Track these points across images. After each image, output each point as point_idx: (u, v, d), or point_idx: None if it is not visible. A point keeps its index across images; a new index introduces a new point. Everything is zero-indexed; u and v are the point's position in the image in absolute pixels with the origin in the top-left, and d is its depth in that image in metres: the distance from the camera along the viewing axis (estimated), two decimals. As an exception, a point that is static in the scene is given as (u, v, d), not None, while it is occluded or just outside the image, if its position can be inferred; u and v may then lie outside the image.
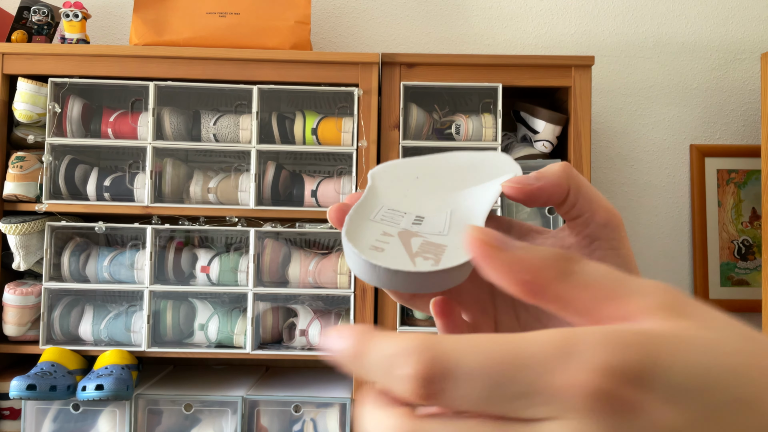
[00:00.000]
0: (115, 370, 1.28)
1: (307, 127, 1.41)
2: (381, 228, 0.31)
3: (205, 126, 1.41)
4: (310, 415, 1.36)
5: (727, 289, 1.69)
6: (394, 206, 0.34)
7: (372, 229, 0.31)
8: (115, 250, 1.42)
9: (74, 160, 1.41)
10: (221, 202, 1.41)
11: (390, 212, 0.33)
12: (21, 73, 1.37)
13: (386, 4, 1.73)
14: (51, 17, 1.46)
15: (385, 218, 0.32)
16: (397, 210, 0.33)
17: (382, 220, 0.32)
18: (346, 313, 1.40)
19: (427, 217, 0.33)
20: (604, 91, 1.72)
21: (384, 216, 0.32)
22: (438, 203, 0.34)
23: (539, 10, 1.73)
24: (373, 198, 0.34)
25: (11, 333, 1.36)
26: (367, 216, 0.32)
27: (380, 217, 0.32)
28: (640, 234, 1.72)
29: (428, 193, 0.35)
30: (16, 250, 1.34)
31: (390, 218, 0.32)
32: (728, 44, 1.73)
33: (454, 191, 0.35)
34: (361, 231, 0.30)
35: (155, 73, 1.37)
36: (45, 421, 1.32)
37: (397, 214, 0.33)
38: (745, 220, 1.70)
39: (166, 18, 1.42)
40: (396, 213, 0.33)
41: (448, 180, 0.36)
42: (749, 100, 1.73)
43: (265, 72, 1.38)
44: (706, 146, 1.71)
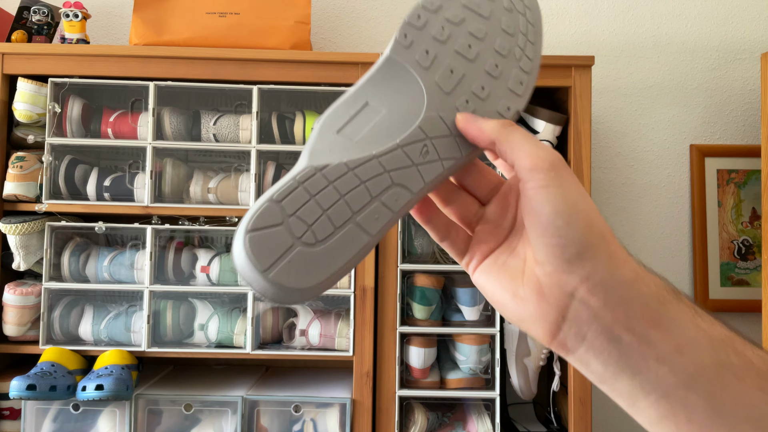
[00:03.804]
0: (115, 370, 1.28)
1: (307, 127, 1.41)
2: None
3: (205, 126, 1.41)
4: (310, 415, 1.36)
5: (727, 289, 1.69)
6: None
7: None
8: (115, 250, 1.42)
9: (74, 160, 1.41)
10: (221, 202, 1.41)
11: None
12: (21, 73, 1.37)
13: (386, 4, 1.73)
14: (51, 17, 1.46)
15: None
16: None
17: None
18: (346, 313, 1.40)
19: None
20: (604, 91, 1.72)
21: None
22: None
23: (539, 10, 1.73)
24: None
25: (11, 333, 1.36)
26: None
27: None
28: (640, 234, 1.72)
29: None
30: (16, 250, 1.34)
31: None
32: (728, 44, 1.73)
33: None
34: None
35: (155, 73, 1.37)
36: (45, 421, 1.32)
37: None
38: (745, 220, 1.70)
39: (166, 18, 1.42)
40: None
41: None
42: (749, 100, 1.73)
43: (265, 72, 1.38)
44: (706, 146, 1.71)
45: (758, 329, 1.69)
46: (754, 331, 1.70)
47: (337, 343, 1.38)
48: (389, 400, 1.36)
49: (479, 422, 1.38)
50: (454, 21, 0.42)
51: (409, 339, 1.38)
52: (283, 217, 0.35)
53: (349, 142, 0.38)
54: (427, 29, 0.42)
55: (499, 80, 0.42)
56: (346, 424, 1.33)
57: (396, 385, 1.35)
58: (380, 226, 0.37)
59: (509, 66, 0.42)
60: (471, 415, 1.42)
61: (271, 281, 0.33)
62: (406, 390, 1.36)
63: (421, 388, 1.38)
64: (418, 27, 0.42)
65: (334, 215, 0.36)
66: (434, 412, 1.42)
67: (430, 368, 1.39)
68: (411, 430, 1.37)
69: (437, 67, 0.41)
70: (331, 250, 0.35)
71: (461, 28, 0.42)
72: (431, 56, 0.41)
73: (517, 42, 0.43)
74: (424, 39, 0.42)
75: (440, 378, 1.40)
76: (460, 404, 1.47)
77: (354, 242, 0.36)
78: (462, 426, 1.40)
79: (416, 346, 1.36)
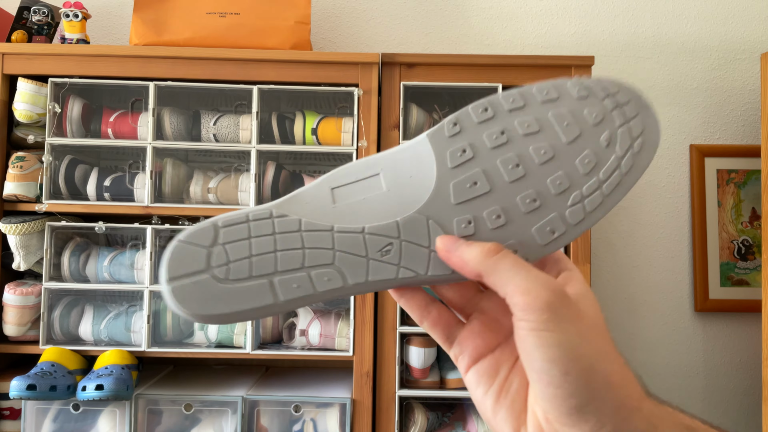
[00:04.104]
0: (115, 370, 1.28)
1: (307, 127, 1.41)
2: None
3: (205, 126, 1.41)
4: (310, 415, 1.36)
5: (726, 289, 1.69)
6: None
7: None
8: (115, 250, 1.43)
9: (74, 160, 1.41)
10: (221, 202, 1.41)
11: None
12: (21, 73, 1.37)
13: (386, 4, 1.73)
14: (51, 17, 1.46)
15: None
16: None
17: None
18: (346, 313, 1.40)
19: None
20: (604, 91, 1.72)
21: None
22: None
23: (539, 10, 1.73)
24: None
25: (11, 333, 1.36)
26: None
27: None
28: (640, 234, 1.72)
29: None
30: (16, 250, 1.34)
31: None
32: (728, 44, 1.73)
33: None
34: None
35: (155, 73, 1.37)
36: (45, 421, 1.32)
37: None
38: (745, 220, 1.70)
39: (166, 18, 1.42)
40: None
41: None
42: (749, 100, 1.73)
43: (265, 72, 1.38)
44: (706, 146, 1.71)
45: (758, 329, 1.69)
46: (754, 331, 1.70)
47: (337, 343, 1.38)
48: (389, 400, 1.36)
49: (479, 422, 1.38)
50: (521, 129, 0.37)
51: (409, 339, 1.38)
52: (213, 242, 0.34)
53: (330, 204, 0.36)
54: (485, 126, 0.37)
55: (527, 216, 0.36)
56: (346, 424, 1.33)
57: (396, 385, 1.36)
58: (295, 296, 0.34)
59: (552, 206, 0.36)
60: (471, 415, 1.42)
61: (169, 291, 0.34)
62: (406, 390, 1.36)
63: (421, 388, 1.38)
64: (477, 121, 0.37)
65: (257, 264, 0.34)
66: (434, 412, 1.42)
67: (430, 368, 1.39)
68: (411, 430, 1.37)
69: (463, 171, 0.36)
70: (234, 293, 0.34)
71: (524, 141, 0.37)
72: (465, 157, 0.37)
73: (585, 184, 0.36)
74: (472, 135, 0.37)
75: (440, 378, 1.40)
76: (460, 404, 1.47)
77: (258, 297, 0.34)
78: (462, 426, 1.40)
79: (416, 346, 1.36)
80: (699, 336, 1.71)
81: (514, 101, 0.38)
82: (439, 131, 0.37)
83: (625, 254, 1.72)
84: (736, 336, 1.71)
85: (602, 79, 0.39)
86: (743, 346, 1.71)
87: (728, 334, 1.71)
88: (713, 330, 1.71)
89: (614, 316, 1.71)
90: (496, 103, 0.38)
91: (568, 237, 0.36)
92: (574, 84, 0.39)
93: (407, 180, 0.37)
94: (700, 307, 1.69)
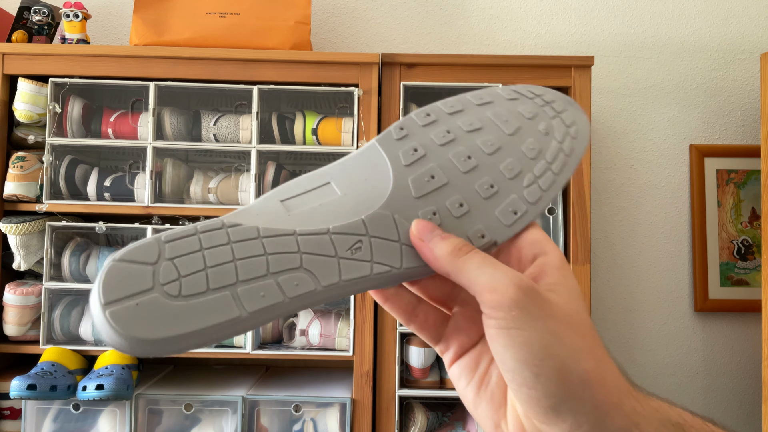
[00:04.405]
0: (115, 369, 1.28)
1: (307, 127, 1.41)
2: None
3: (206, 126, 1.42)
4: (310, 415, 1.36)
5: (726, 289, 1.69)
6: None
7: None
8: (115, 251, 1.42)
9: (74, 160, 1.41)
10: (221, 203, 1.41)
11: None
12: (21, 73, 1.38)
13: (386, 4, 1.73)
14: (51, 17, 1.46)
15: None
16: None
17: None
18: (346, 313, 1.40)
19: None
20: (604, 91, 1.72)
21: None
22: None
23: (539, 10, 1.73)
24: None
25: (12, 333, 1.36)
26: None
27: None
28: (640, 234, 1.72)
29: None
30: (16, 250, 1.34)
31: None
32: (728, 44, 1.74)
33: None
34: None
35: (155, 73, 1.38)
36: (45, 421, 1.32)
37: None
38: (744, 220, 1.70)
39: (166, 18, 1.42)
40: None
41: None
42: (749, 100, 1.74)
43: (265, 72, 1.38)
44: (705, 146, 1.71)
45: (758, 329, 1.70)
46: (753, 331, 1.71)
47: (337, 343, 1.38)
48: (389, 400, 1.36)
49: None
50: (465, 127, 0.39)
51: (409, 339, 1.38)
52: (157, 258, 0.30)
53: (285, 213, 0.34)
54: (430, 128, 0.38)
55: (487, 201, 0.37)
56: (346, 423, 1.33)
57: (396, 385, 1.36)
58: (262, 305, 0.31)
59: (510, 189, 0.37)
60: (471, 415, 1.42)
61: (106, 318, 0.28)
62: (406, 390, 1.37)
63: (421, 387, 1.38)
64: (421, 124, 0.39)
65: (215, 275, 0.31)
66: (434, 412, 1.42)
67: (430, 368, 1.40)
68: (411, 429, 1.37)
69: (418, 167, 0.37)
70: (191, 309, 0.30)
71: (470, 137, 0.38)
72: (418, 155, 0.37)
73: (535, 167, 0.38)
74: (420, 137, 0.38)
75: (440, 378, 1.40)
76: (460, 404, 1.47)
77: (221, 311, 0.30)
78: (462, 426, 1.40)
79: (416, 346, 1.36)
80: (699, 336, 1.71)
81: (453, 106, 0.40)
82: (386, 136, 0.38)
83: (625, 254, 1.72)
84: (736, 336, 1.71)
85: (527, 86, 0.42)
86: (743, 346, 1.71)
87: (728, 334, 1.71)
88: (713, 330, 1.71)
89: (614, 315, 1.71)
90: (437, 109, 0.39)
91: (530, 215, 0.37)
92: (504, 89, 0.41)
93: (362, 182, 0.36)
94: (700, 307, 1.69)
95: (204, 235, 0.32)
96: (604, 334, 1.70)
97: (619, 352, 1.71)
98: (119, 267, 0.30)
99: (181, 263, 0.31)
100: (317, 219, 0.34)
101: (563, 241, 1.39)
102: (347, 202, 0.35)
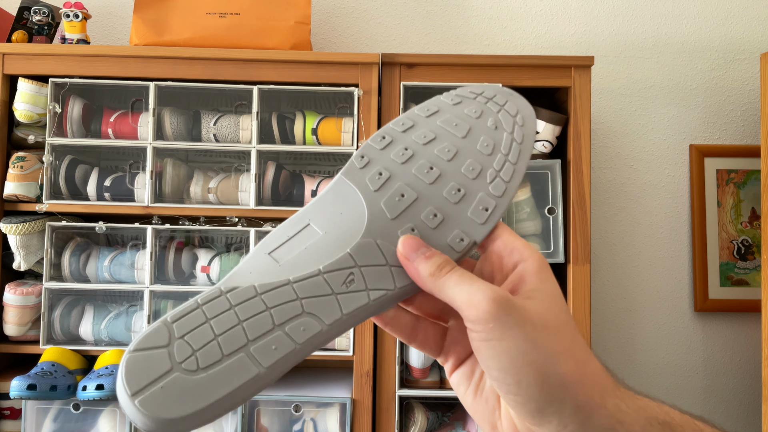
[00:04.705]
0: (115, 369, 1.28)
1: (307, 127, 1.41)
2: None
3: (206, 126, 1.42)
4: (310, 415, 1.36)
5: (726, 289, 1.69)
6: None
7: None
8: (115, 250, 1.43)
9: (75, 160, 1.41)
10: (221, 202, 1.41)
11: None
12: (21, 73, 1.38)
13: (386, 4, 1.73)
14: (51, 17, 1.46)
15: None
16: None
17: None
18: (346, 313, 1.40)
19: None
20: (604, 91, 1.72)
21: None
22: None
23: (539, 11, 1.73)
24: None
25: (12, 333, 1.36)
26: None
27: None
28: (640, 234, 1.72)
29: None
30: (16, 250, 1.35)
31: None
32: (728, 44, 1.74)
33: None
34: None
35: (155, 73, 1.38)
36: (45, 421, 1.32)
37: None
38: (744, 220, 1.70)
39: (166, 18, 1.42)
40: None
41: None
42: (749, 100, 1.74)
43: (265, 72, 1.38)
44: (705, 146, 1.71)
45: (757, 329, 1.70)
46: (753, 331, 1.71)
47: (337, 343, 1.38)
48: (389, 400, 1.36)
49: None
50: (421, 141, 0.40)
51: (409, 339, 1.38)
52: (169, 340, 0.32)
53: (275, 265, 0.36)
54: (389, 150, 0.40)
55: (458, 205, 0.38)
56: (346, 423, 1.33)
57: (396, 385, 1.36)
58: (277, 357, 0.32)
59: (476, 189, 0.39)
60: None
61: (137, 407, 0.30)
62: (406, 390, 1.37)
63: (421, 387, 1.38)
64: (379, 148, 0.40)
65: (226, 341, 0.32)
66: (434, 412, 1.42)
67: (430, 368, 1.40)
68: (411, 429, 1.37)
69: (386, 190, 0.38)
70: (212, 379, 0.31)
71: (427, 149, 0.40)
72: (383, 178, 0.39)
73: (493, 162, 0.40)
74: (381, 160, 0.39)
75: (440, 378, 1.40)
76: (460, 404, 1.47)
77: (240, 373, 0.32)
78: (462, 426, 1.40)
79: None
80: (699, 336, 1.71)
81: (404, 124, 0.41)
82: (350, 167, 0.39)
83: (625, 254, 1.72)
84: (736, 336, 1.71)
85: (467, 86, 0.44)
86: (743, 346, 1.71)
87: (728, 334, 1.71)
88: (713, 330, 1.71)
89: (614, 316, 1.71)
90: (390, 131, 0.41)
91: (500, 208, 0.38)
92: (446, 96, 0.43)
93: (339, 217, 0.38)
94: (700, 306, 1.69)
95: (206, 306, 0.33)
96: (604, 334, 1.71)
97: (619, 352, 1.71)
98: (136, 357, 0.31)
99: (192, 338, 0.32)
100: (306, 262, 0.36)
101: (563, 241, 1.39)
102: (330, 238, 0.37)
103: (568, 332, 0.33)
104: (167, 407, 0.30)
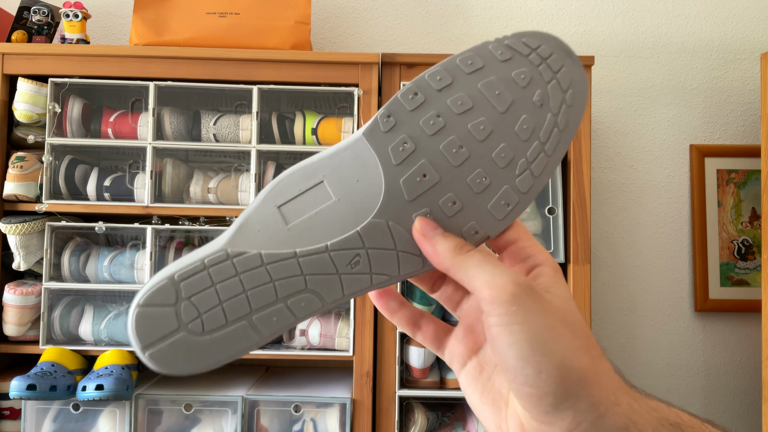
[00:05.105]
0: (115, 370, 1.28)
1: (307, 127, 1.41)
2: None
3: (205, 126, 1.41)
4: (310, 415, 1.36)
5: (726, 289, 1.69)
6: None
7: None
8: (115, 250, 1.43)
9: (74, 160, 1.41)
10: (221, 202, 1.41)
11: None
12: (21, 73, 1.37)
13: (386, 4, 1.73)
14: (51, 17, 1.46)
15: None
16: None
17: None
18: (346, 313, 1.40)
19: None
20: (604, 91, 1.72)
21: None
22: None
23: (539, 10, 1.73)
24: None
25: (11, 333, 1.36)
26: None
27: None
28: (640, 234, 1.72)
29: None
30: (16, 250, 1.34)
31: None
32: (728, 44, 1.74)
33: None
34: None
35: (155, 73, 1.37)
36: (45, 421, 1.32)
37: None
38: (744, 220, 1.70)
39: (166, 18, 1.42)
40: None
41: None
42: (749, 100, 1.73)
43: (265, 72, 1.38)
44: (706, 146, 1.71)
45: (758, 329, 1.70)
46: (753, 331, 1.71)
47: (337, 343, 1.38)
48: (389, 400, 1.36)
49: (479, 422, 1.38)
50: (455, 109, 0.36)
51: (409, 339, 1.38)
52: (176, 299, 0.34)
53: (283, 226, 0.35)
54: (419, 113, 0.36)
55: (480, 196, 0.36)
56: (346, 423, 1.33)
57: (396, 385, 1.36)
58: (276, 328, 0.35)
59: (502, 180, 0.36)
60: (471, 415, 1.42)
61: (148, 359, 0.33)
62: (406, 390, 1.37)
63: (421, 388, 1.38)
64: (409, 108, 0.36)
65: (230, 308, 0.34)
66: (434, 412, 1.42)
67: (430, 368, 1.40)
68: (411, 430, 1.37)
69: (408, 165, 0.36)
70: (216, 342, 0.34)
71: (461, 121, 0.36)
72: (407, 151, 0.36)
73: (527, 151, 0.36)
74: (408, 125, 0.36)
75: (440, 378, 1.40)
76: (460, 404, 1.47)
77: (242, 340, 0.34)
78: (462, 426, 1.40)
79: (416, 346, 1.36)
80: (699, 336, 1.71)
81: (441, 79, 0.36)
82: (374, 128, 0.36)
83: (625, 254, 1.72)
84: (736, 336, 1.71)
85: (522, 34, 0.38)
86: (743, 346, 1.71)
87: (728, 334, 1.71)
88: (713, 330, 1.71)
89: (614, 316, 1.71)
90: (424, 85, 0.36)
91: (522, 206, 0.36)
92: (495, 45, 0.38)
93: (354, 184, 0.36)
94: (700, 307, 1.69)
95: (213, 269, 0.34)
96: (605, 334, 1.70)
97: (620, 352, 1.71)
98: (145, 312, 0.34)
99: (199, 301, 0.34)
100: (315, 233, 0.35)
101: (563, 241, 1.39)
102: (341, 208, 0.36)
103: (584, 330, 0.33)
104: (174, 364, 0.33)
